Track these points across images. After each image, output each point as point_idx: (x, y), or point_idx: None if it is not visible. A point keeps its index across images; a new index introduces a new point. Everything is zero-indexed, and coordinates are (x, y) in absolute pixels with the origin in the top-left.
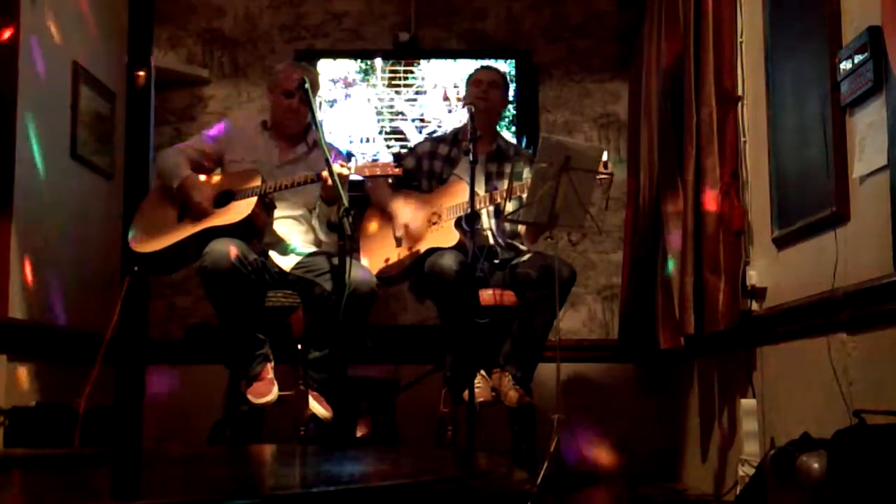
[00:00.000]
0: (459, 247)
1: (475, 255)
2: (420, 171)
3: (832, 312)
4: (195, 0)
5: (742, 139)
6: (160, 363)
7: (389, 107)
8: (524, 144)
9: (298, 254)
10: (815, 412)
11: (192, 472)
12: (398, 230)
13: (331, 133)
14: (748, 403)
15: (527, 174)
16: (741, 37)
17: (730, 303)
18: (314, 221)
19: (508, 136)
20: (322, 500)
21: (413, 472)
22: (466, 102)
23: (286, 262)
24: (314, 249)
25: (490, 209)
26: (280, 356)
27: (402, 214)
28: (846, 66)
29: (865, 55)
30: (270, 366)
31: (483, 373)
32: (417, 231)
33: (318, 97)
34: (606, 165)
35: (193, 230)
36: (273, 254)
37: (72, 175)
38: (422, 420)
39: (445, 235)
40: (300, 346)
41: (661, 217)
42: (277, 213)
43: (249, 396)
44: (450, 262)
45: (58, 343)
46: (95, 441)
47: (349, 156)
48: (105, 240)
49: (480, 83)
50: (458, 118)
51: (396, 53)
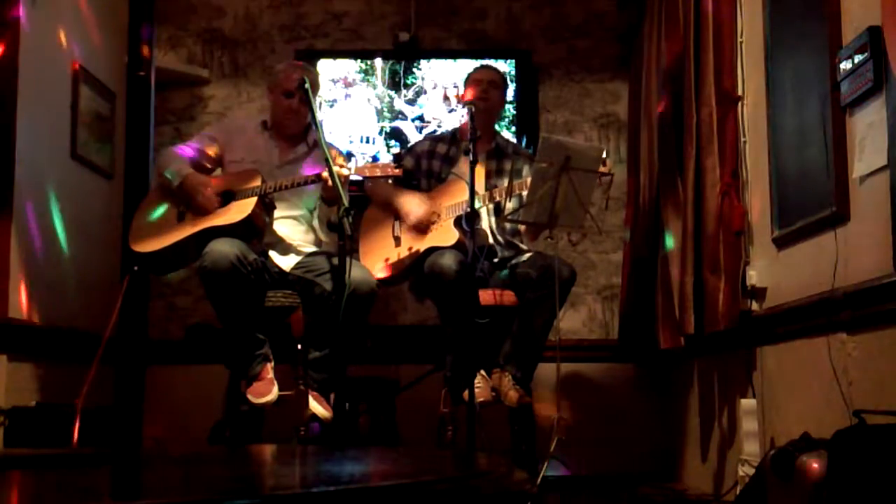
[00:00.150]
0: (459, 246)
1: (475, 255)
2: (419, 171)
3: (832, 312)
4: (195, 0)
5: (742, 139)
6: (160, 363)
7: (389, 107)
8: (524, 144)
9: (298, 254)
10: (815, 412)
11: (192, 472)
12: (409, 218)
13: (331, 133)
14: (748, 403)
15: (526, 171)
16: (741, 37)
17: (730, 303)
18: (314, 222)
19: (508, 136)
20: (322, 500)
21: (413, 472)
22: (465, 102)
23: (286, 262)
24: (314, 249)
25: (490, 207)
26: (280, 356)
27: (409, 203)
28: (846, 66)
29: (865, 55)
30: (270, 366)
31: (483, 373)
32: (427, 216)
33: (318, 97)
34: (606, 164)
35: (193, 230)
36: (273, 254)
37: (72, 175)
38: (422, 420)
39: (445, 234)
40: (300, 346)
41: (661, 217)
42: (277, 214)
43: (249, 396)
44: (449, 262)
45: (58, 343)
46: (95, 441)
47: (349, 156)
48: (105, 240)
49: (480, 82)
50: (458, 118)
51: (396, 53)
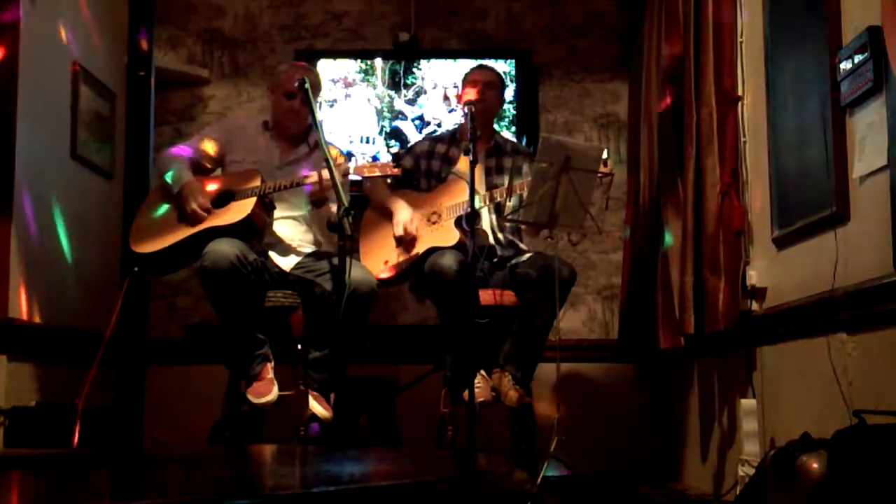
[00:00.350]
0: (459, 246)
1: (475, 255)
2: (418, 171)
3: (832, 312)
4: (195, 0)
5: (742, 139)
6: (160, 363)
7: (389, 107)
8: (524, 144)
9: (298, 254)
10: (815, 412)
11: (192, 472)
12: (396, 229)
13: (331, 133)
14: (748, 403)
15: (526, 169)
16: (741, 37)
17: (730, 303)
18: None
19: (507, 135)
20: (322, 500)
21: (413, 472)
22: (464, 102)
23: (286, 262)
24: (314, 249)
25: (490, 206)
26: (280, 356)
27: (402, 213)
28: (846, 66)
29: (865, 55)
30: (270, 366)
31: (483, 373)
32: (415, 232)
33: (319, 98)
34: (606, 164)
35: (193, 230)
36: (273, 254)
37: (72, 175)
38: (422, 420)
39: (445, 235)
40: (300, 346)
41: (661, 217)
42: (277, 214)
43: (249, 396)
44: (450, 262)
45: (58, 343)
46: (95, 441)
47: (349, 156)
48: (105, 240)
49: (476, 83)
50: (458, 118)
51: (396, 53)
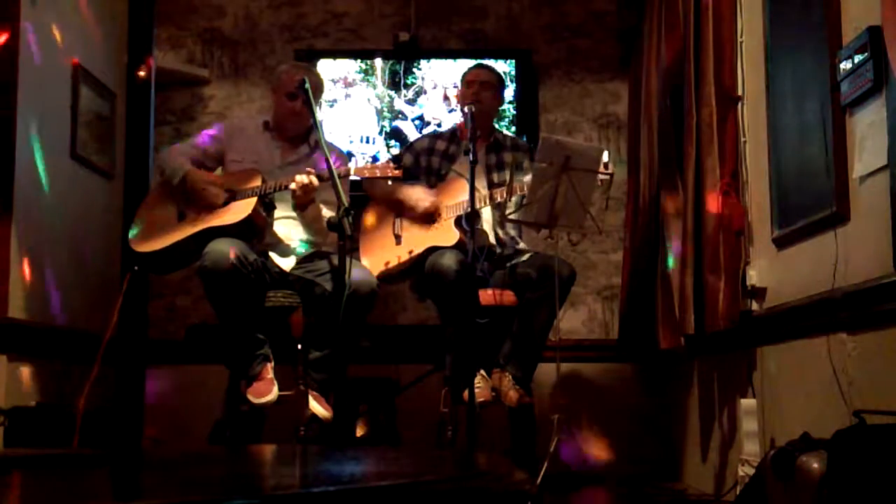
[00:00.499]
0: (459, 246)
1: (475, 255)
2: (418, 168)
3: (832, 312)
4: (195, 0)
5: (742, 139)
6: (160, 363)
7: (389, 107)
8: (523, 139)
9: (298, 254)
10: (815, 412)
11: (192, 472)
12: (419, 206)
13: (331, 133)
14: (748, 403)
15: (527, 164)
16: (741, 37)
17: (730, 303)
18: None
19: (506, 133)
20: (322, 500)
21: (413, 472)
22: (463, 102)
23: (286, 262)
24: (314, 250)
25: (490, 204)
26: (280, 356)
27: (413, 193)
28: (846, 66)
29: (865, 55)
30: (270, 366)
31: (483, 373)
32: (433, 205)
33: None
34: (607, 166)
35: (193, 230)
36: (273, 254)
37: (72, 175)
38: (422, 420)
39: (445, 234)
40: (300, 346)
41: (661, 217)
42: (277, 214)
43: (249, 396)
44: (450, 262)
45: (58, 343)
46: (95, 441)
47: (349, 156)
48: (105, 240)
49: (472, 84)
50: (458, 117)
51: (396, 53)
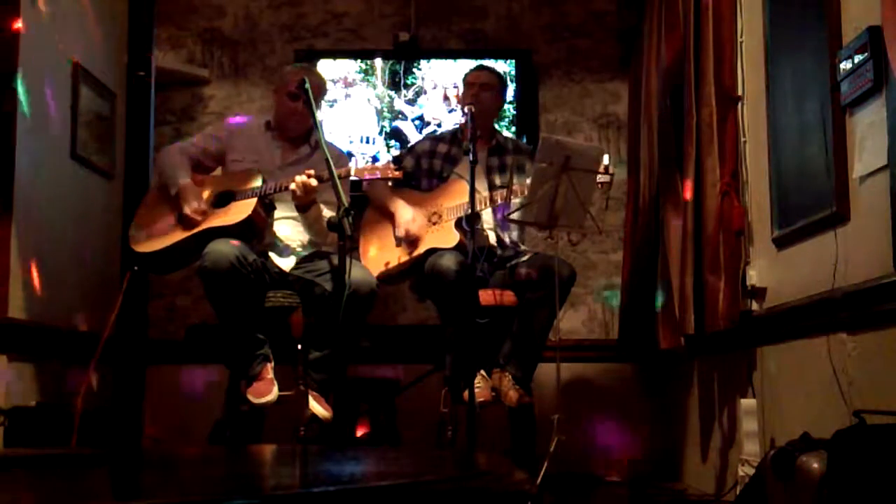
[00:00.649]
0: (459, 247)
1: (475, 255)
2: (419, 170)
3: (832, 312)
4: (195, 0)
5: (742, 139)
6: (160, 363)
7: (389, 107)
8: (524, 141)
9: (298, 254)
10: (815, 412)
11: (192, 472)
12: (399, 230)
13: (331, 133)
14: (748, 403)
15: (529, 166)
16: (741, 37)
17: (730, 303)
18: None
19: (507, 134)
20: (322, 500)
21: (413, 472)
22: (463, 103)
23: (286, 263)
24: (314, 250)
25: (491, 206)
26: (280, 356)
27: (403, 214)
28: (846, 66)
29: (865, 55)
30: (270, 366)
31: (483, 373)
32: (418, 232)
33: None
34: (607, 168)
35: (193, 230)
36: (273, 254)
37: (72, 175)
38: (422, 420)
39: (446, 236)
40: (300, 346)
41: (661, 217)
42: (277, 214)
43: (249, 396)
44: (450, 263)
45: (58, 343)
46: (95, 441)
47: (349, 156)
48: (105, 240)
49: (472, 86)
50: (458, 118)
51: (396, 53)
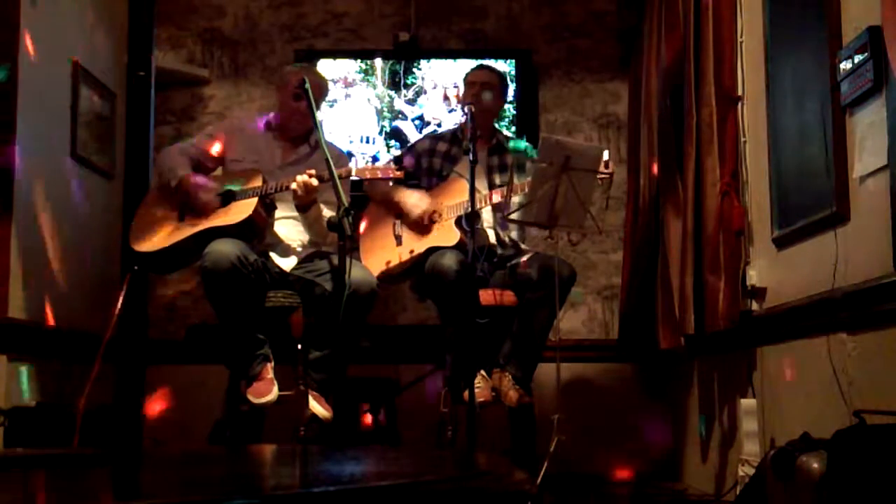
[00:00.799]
0: (459, 246)
1: (475, 255)
2: (419, 169)
3: (832, 312)
4: (195, 0)
5: (742, 139)
6: (160, 363)
7: (389, 107)
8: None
9: (298, 254)
10: (815, 412)
11: (192, 472)
12: (411, 214)
13: (331, 133)
14: (748, 403)
15: (529, 167)
16: (741, 37)
17: (730, 303)
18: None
19: (508, 134)
20: (322, 500)
21: (413, 472)
22: (464, 103)
23: (286, 263)
24: (314, 250)
25: (491, 205)
26: (280, 356)
27: (409, 199)
28: (846, 66)
29: (865, 55)
30: (270, 366)
31: (483, 373)
32: (426, 216)
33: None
34: (607, 165)
35: (194, 230)
36: (273, 254)
37: (72, 175)
38: (422, 420)
39: (446, 234)
40: (300, 346)
41: (661, 217)
42: (278, 214)
43: (249, 396)
44: (450, 263)
45: (58, 343)
46: (95, 441)
47: (349, 156)
48: (105, 240)
49: (473, 85)
50: (458, 118)
51: (396, 53)
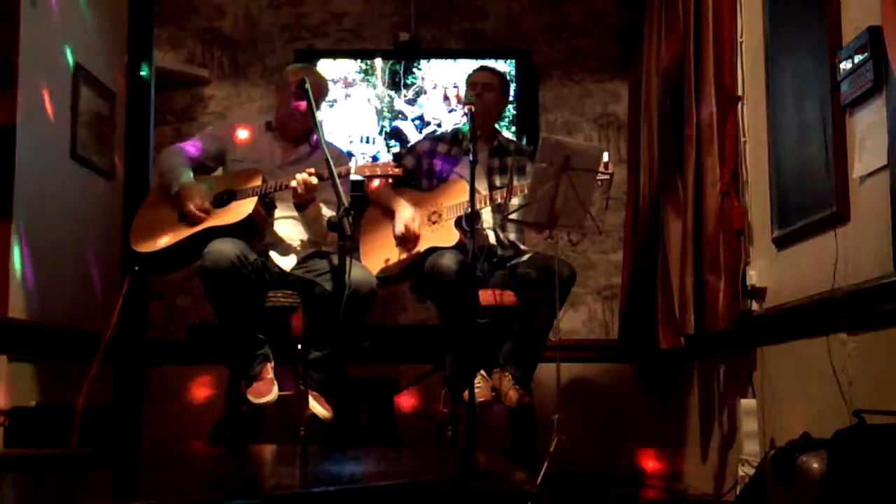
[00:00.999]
0: (459, 246)
1: (475, 255)
2: (420, 170)
3: (832, 312)
4: (195, 0)
5: (742, 139)
6: (160, 363)
7: (389, 107)
8: (525, 144)
9: (298, 254)
10: (815, 412)
11: (192, 472)
12: (398, 227)
13: (331, 133)
14: (748, 403)
15: (529, 168)
16: (741, 37)
17: (730, 303)
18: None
19: (509, 135)
20: (322, 500)
21: (413, 472)
22: (465, 103)
23: (286, 262)
24: (314, 249)
25: (491, 205)
26: (280, 356)
27: (403, 213)
28: (846, 66)
29: (865, 55)
30: (270, 366)
31: (483, 373)
32: (417, 230)
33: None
34: (607, 166)
35: (194, 230)
36: (273, 254)
37: (72, 175)
38: (422, 420)
39: (445, 235)
40: (300, 346)
41: (661, 217)
42: (278, 214)
43: (249, 396)
44: (450, 263)
45: (58, 343)
46: (95, 441)
47: (349, 155)
48: (105, 240)
49: (475, 86)
50: (459, 118)
51: (396, 53)
